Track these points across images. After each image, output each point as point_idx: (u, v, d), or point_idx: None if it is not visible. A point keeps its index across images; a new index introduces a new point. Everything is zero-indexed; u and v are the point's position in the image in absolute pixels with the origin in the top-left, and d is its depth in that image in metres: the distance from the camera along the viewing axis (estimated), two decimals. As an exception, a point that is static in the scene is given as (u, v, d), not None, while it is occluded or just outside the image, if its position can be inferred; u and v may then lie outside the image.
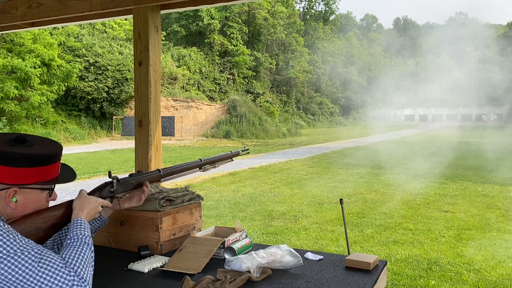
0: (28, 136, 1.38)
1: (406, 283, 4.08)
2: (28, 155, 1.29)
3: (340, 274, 1.56)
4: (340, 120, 53.54)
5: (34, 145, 1.35)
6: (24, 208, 1.32)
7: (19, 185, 1.30)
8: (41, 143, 1.38)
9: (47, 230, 1.37)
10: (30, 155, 1.30)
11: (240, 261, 1.52)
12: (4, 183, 1.28)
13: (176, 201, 1.89)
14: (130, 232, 1.83)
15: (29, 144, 1.34)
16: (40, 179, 1.34)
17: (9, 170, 1.28)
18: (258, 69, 41.27)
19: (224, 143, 23.85)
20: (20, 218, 1.32)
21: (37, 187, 1.34)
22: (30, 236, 1.27)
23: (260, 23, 41.40)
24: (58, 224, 1.39)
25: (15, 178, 1.29)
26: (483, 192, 8.84)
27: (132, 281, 1.50)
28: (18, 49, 20.23)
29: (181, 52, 33.87)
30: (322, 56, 54.64)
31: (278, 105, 40.39)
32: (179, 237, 1.87)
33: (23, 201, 1.32)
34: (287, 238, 5.56)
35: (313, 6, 58.84)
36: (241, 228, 1.85)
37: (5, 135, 1.34)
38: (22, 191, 1.31)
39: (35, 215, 1.35)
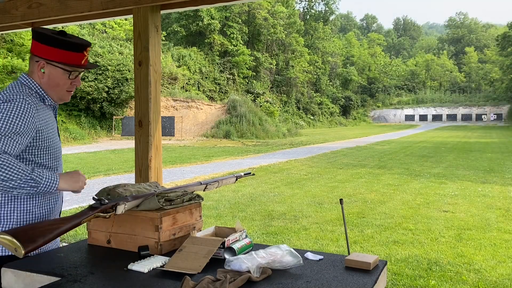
0: (68, 34, 1.82)
1: (406, 283, 4.08)
2: (59, 39, 1.75)
3: (340, 274, 1.56)
4: (340, 120, 53.53)
5: (68, 37, 1.79)
6: (48, 79, 1.80)
7: (48, 60, 1.77)
8: (74, 37, 1.82)
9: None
10: (61, 39, 1.75)
11: (240, 261, 1.52)
12: (38, 56, 1.77)
13: (176, 201, 1.89)
14: (130, 232, 1.83)
15: (66, 36, 1.79)
16: (65, 60, 1.77)
17: (44, 47, 1.75)
18: (258, 69, 41.27)
19: (224, 143, 23.85)
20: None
21: (60, 66, 1.78)
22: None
23: (260, 23, 41.40)
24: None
25: (47, 54, 1.76)
26: (483, 192, 8.84)
27: (132, 281, 1.50)
28: (18, 49, 20.24)
29: (181, 52, 33.88)
30: (322, 56, 54.64)
31: (278, 105, 40.38)
32: (179, 237, 1.87)
33: (48, 74, 1.79)
34: (287, 238, 5.56)
35: (313, 6, 58.81)
36: (241, 228, 1.85)
37: (53, 30, 1.82)
38: (49, 66, 1.78)
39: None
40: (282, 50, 45.81)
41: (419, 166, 13.21)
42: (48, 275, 1.58)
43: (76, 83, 1.87)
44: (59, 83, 1.81)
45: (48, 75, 1.79)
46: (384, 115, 62.45)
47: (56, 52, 1.76)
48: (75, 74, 1.84)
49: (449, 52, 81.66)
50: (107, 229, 1.89)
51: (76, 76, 1.85)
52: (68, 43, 1.76)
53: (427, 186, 9.57)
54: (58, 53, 1.76)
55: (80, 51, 1.80)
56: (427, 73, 70.42)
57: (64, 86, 1.84)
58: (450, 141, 24.70)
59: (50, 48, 1.75)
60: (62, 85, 1.83)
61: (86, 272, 1.58)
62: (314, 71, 51.40)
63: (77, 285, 1.46)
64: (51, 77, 1.80)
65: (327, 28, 57.88)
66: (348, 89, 60.43)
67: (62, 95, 1.87)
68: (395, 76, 70.60)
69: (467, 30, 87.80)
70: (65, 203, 7.62)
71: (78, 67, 1.82)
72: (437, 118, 60.02)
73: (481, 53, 76.74)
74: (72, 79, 1.84)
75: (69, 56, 1.77)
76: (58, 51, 1.76)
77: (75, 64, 1.80)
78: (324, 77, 54.20)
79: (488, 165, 13.44)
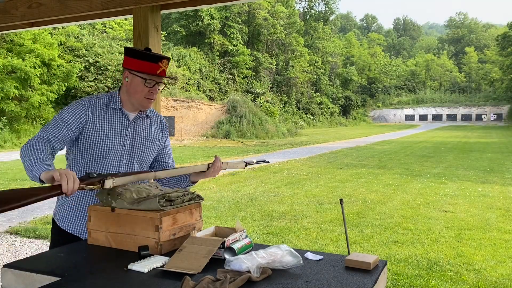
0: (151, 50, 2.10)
1: (406, 283, 4.08)
2: (137, 51, 2.04)
3: (340, 274, 1.56)
4: (340, 120, 53.52)
5: (147, 50, 2.07)
6: (130, 87, 2.06)
7: (129, 69, 2.04)
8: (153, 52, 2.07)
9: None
10: (138, 51, 2.04)
11: (240, 261, 1.52)
12: (124, 68, 2.06)
13: (176, 201, 1.89)
14: (130, 232, 1.83)
15: (148, 50, 2.07)
16: (141, 69, 2.00)
17: (127, 59, 2.04)
18: (258, 69, 41.25)
19: (224, 143, 23.85)
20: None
21: (138, 74, 2.02)
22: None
23: (260, 23, 41.38)
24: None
25: (128, 64, 2.03)
26: (483, 192, 8.84)
27: (132, 281, 1.50)
28: (18, 49, 20.23)
29: (181, 52, 33.86)
30: (322, 56, 54.63)
31: (278, 105, 40.37)
32: (179, 237, 1.87)
33: (130, 82, 2.05)
34: (287, 238, 5.56)
35: (313, 6, 58.78)
36: (241, 228, 1.85)
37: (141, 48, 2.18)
38: (131, 75, 2.04)
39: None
40: (282, 50, 45.79)
41: (419, 166, 13.21)
42: (48, 275, 1.57)
43: (153, 92, 2.07)
44: (137, 90, 2.05)
45: (130, 83, 2.06)
46: (384, 115, 62.44)
47: (135, 62, 2.02)
48: (151, 83, 2.04)
49: (449, 52, 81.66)
50: (107, 228, 1.89)
51: (153, 85, 2.05)
52: (144, 54, 2.02)
53: (427, 186, 9.57)
54: (136, 63, 2.02)
55: (155, 61, 2.02)
56: (427, 73, 70.41)
57: (142, 93, 2.05)
58: (450, 141, 24.70)
59: (131, 59, 2.03)
60: (140, 91, 2.04)
61: (86, 272, 1.58)
62: (314, 71, 51.38)
63: (77, 285, 1.46)
64: (132, 84, 2.05)
65: (327, 28, 57.87)
66: (348, 89, 60.42)
67: (142, 101, 2.07)
68: (395, 76, 70.59)
69: (467, 30, 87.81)
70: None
71: (153, 76, 2.03)
72: (437, 118, 60.01)
73: (481, 53, 76.73)
74: (149, 87, 2.04)
75: (144, 65, 2.00)
76: (136, 61, 2.02)
77: (150, 72, 2.01)
78: (324, 77, 54.18)
79: (488, 165, 13.44)
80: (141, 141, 2.15)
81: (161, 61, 2.02)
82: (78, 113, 2.00)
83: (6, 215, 6.74)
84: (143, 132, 2.16)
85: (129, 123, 2.11)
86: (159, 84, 2.08)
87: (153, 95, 2.07)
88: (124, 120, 2.10)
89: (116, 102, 2.09)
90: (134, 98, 2.07)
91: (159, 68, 2.02)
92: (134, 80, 2.04)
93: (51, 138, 1.95)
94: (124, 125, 2.10)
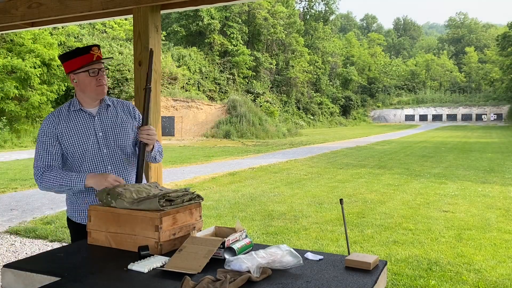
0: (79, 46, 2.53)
1: (406, 283, 4.08)
2: (67, 53, 2.19)
3: (340, 274, 1.56)
4: (340, 120, 53.50)
5: (77, 47, 2.22)
6: (80, 85, 2.22)
7: (72, 71, 2.19)
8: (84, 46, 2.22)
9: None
10: (68, 52, 2.19)
11: (240, 261, 1.52)
12: (68, 73, 2.21)
13: (176, 201, 1.89)
14: (130, 232, 1.83)
15: (76, 48, 2.21)
16: (79, 65, 2.16)
17: (66, 64, 2.21)
18: (258, 69, 41.24)
19: (224, 143, 23.85)
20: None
21: (80, 71, 2.18)
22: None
23: (260, 23, 41.37)
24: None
25: (69, 68, 2.19)
26: (483, 192, 8.84)
27: (132, 281, 1.50)
28: (18, 49, 20.22)
29: (181, 52, 33.86)
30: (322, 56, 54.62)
31: (278, 105, 40.36)
32: (179, 237, 1.87)
33: (78, 81, 2.21)
34: (287, 238, 5.56)
35: (313, 6, 58.76)
36: (241, 228, 1.85)
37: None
38: (75, 76, 2.20)
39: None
40: (282, 50, 45.78)
41: (419, 166, 13.21)
42: (48, 275, 1.58)
43: (101, 78, 2.22)
44: (86, 83, 2.20)
45: (78, 82, 2.22)
46: (384, 115, 62.43)
47: (71, 63, 2.18)
48: (95, 71, 2.19)
49: (449, 52, 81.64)
50: (107, 228, 1.89)
51: (98, 73, 2.20)
52: (74, 52, 2.18)
53: (427, 186, 9.57)
54: (72, 63, 2.18)
55: (86, 52, 2.17)
56: (427, 73, 70.39)
57: (92, 84, 2.20)
58: (450, 141, 24.70)
59: (67, 63, 2.19)
60: (89, 83, 2.20)
61: (86, 272, 1.58)
62: (314, 71, 51.36)
63: (77, 285, 1.46)
64: (80, 82, 2.21)
65: (327, 28, 57.85)
66: (348, 89, 60.40)
67: (95, 90, 2.22)
68: (395, 76, 70.57)
69: (467, 30, 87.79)
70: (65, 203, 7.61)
71: (92, 64, 2.17)
72: (437, 118, 60.00)
73: (481, 53, 76.72)
74: (95, 75, 2.20)
75: (80, 60, 2.17)
76: (72, 61, 2.18)
77: (87, 63, 2.16)
78: (324, 77, 54.17)
79: (488, 165, 13.44)
80: (111, 128, 2.29)
81: (91, 49, 2.19)
82: (48, 131, 2.20)
83: (6, 215, 6.75)
84: (110, 120, 2.31)
85: (93, 117, 2.27)
86: (101, 70, 2.24)
87: (102, 80, 2.23)
88: (88, 117, 2.27)
89: (75, 105, 2.26)
90: (89, 92, 2.23)
91: (93, 56, 2.18)
92: (79, 77, 2.21)
93: (49, 163, 2.19)
94: (90, 121, 2.26)
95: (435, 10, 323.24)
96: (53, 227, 5.96)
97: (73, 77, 2.22)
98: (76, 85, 2.23)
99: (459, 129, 42.19)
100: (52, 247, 5.08)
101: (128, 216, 1.83)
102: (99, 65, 2.21)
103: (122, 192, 1.89)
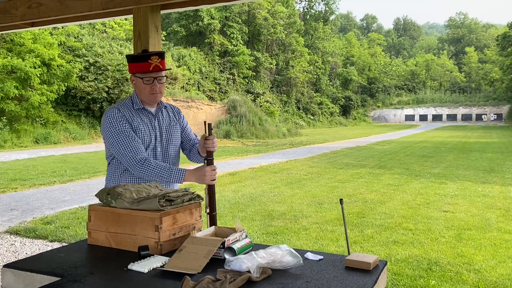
0: (147, 50, 2.40)
1: (406, 283, 4.08)
2: (130, 55, 2.32)
3: (340, 274, 1.56)
4: (340, 120, 53.48)
5: (143, 52, 2.34)
6: (136, 88, 2.35)
7: (132, 73, 2.33)
8: (146, 51, 2.34)
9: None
10: (131, 55, 2.32)
11: (240, 261, 1.52)
12: (130, 72, 2.36)
13: (176, 201, 1.90)
14: (130, 232, 1.83)
15: (145, 51, 2.33)
16: (135, 70, 2.29)
17: (129, 65, 2.34)
18: (258, 69, 41.22)
19: (224, 143, 23.85)
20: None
21: (137, 76, 2.30)
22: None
23: (260, 23, 41.36)
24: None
25: (130, 69, 2.33)
26: (483, 192, 8.84)
27: (132, 281, 1.50)
28: (18, 49, 20.21)
29: (181, 52, 33.84)
30: (322, 56, 54.61)
31: (278, 105, 40.34)
32: (179, 237, 1.87)
33: (135, 84, 2.34)
34: (287, 238, 5.56)
35: (313, 6, 58.73)
36: (241, 228, 1.85)
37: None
38: (135, 78, 2.33)
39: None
40: (282, 50, 45.77)
41: (419, 166, 13.21)
42: (48, 275, 1.58)
43: (154, 87, 2.30)
44: (141, 89, 2.31)
45: (135, 85, 2.34)
46: (384, 115, 62.42)
47: (131, 66, 2.31)
48: (149, 80, 2.28)
49: (449, 52, 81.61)
50: (107, 228, 1.89)
51: (152, 81, 2.29)
52: (135, 57, 2.29)
53: (427, 186, 9.57)
54: (132, 67, 2.30)
55: (144, 60, 2.25)
56: (427, 73, 70.37)
57: (146, 91, 2.30)
58: (450, 141, 24.70)
59: (129, 65, 2.32)
60: (143, 89, 2.31)
61: (86, 272, 1.58)
62: (314, 71, 51.34)
63: (77, 285, 1.46)
64: (137, 86, 2.34)
65: (327, 28, 57.83)
66: (348, 89, 60.38)
67: (148, 97, 2.33)
68: (395, 76, 70.55)
69: (467, 30, 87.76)
70: (65, 203, 7.62)
71: (147, 74, 2.26)
72: (437, 118, 59.99)
73: (481, 53, 76.70)
74: (149, 84, 2.29)
75: (138, 66, 2.27)
76: (132, 65, 2.30)
77: (143, 71, 2.27)
78: (324, 77, 54.15)
79: (488, 165, 13.44)
80: (166, 129, 2.45)
81: (150, 58, 2.24)
82: (123, 121, 2.29)
83: (6, 215, 6.75)
84: (166, 121, 2.46)
85: (153, 117, 2.40)
86: (158, 79, 2.30)
87: (155, 89, 2.30)
88: (150, 115, 2.39)
89: (137, 103, 2.37)
90: (142, 97, 2.35)
91: (151, 65, 2.25)
92: (137, 81, 2.32)
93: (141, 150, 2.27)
94: (151, 120, 2.39)
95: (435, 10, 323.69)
96: (53, 227, 5.96)
97: (132, 78, 2.35)
98: (134, 86, 2.37)
99: (459, 129, 42.19)
100: (52, 247, 5.09)
101: (128, 216, 1.83)
102: (156, 74, 2.28)
103: (122, 192, 1.89)
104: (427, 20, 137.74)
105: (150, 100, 2.35)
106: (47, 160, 13.79)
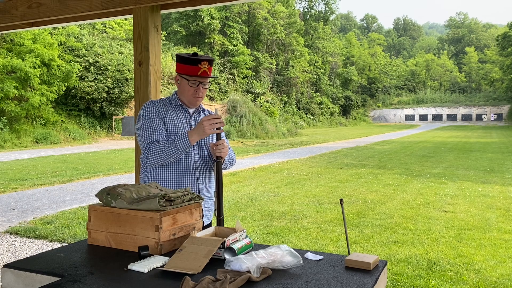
0: (197, 54, 2.34)
1: (406, 283, 4.08)
2: (180, 56, 2.33)
3: (340, 274, 1.56)
4: (340, 120, 53.51)
5: (193, 55, 2.32)
6: (180, 88, 2.40)
7: (178, 73, 2.36)
8: (196, 54, 2.32)
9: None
10: (181, 55, 2.33)
11: (240, 261, 1.52)
12: (176, 72, 2.38)
13: (176, 201, 1.89)
14: (130, 232, 1.83)
15: (194, 55, 2.31)
16: (183, 71, 2.32)
17: (176, 64, 2.36)
18: (258, 69, 41.24)
19: (224, 143, 23.84)
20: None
21: (183, 77, 2.34)
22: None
23: (260, 23, 41.38)
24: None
25: (177, 69, 2.36)
26: (483, 192, 8.84)
27: (132, 281, 1.50)
28: (18, 49, 20.21)
29: (181, 52, 33.86)
30: (322, 56, 54.62)
31: (278, 105, 40.36)
32: (179, 237, 1.87)
33: (179, 84, 2.38)
34: (287, 238, 5.56)
35: (313, 6, 58.79)
36: (241, 228, 1.85)
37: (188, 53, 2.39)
38: (180, 78, 2.37)
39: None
40: (282, 50, 45.79)
41: (419, 166, 13.21)
42: (48, 275, 1.58)
43: (198, 90, 2.35)
44: (185, 90, 2.36)
45: (180, 85, 2.38)
46: (384, 115, 62.44)
47: (180, 67, 2.34)
48: (195, 83, 2.33)
49: (449, 52, 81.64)
50: (107, 228, 1.89)
51: (198, 85, 2.34)
52: (186, 58, 2.30)
53: (427, 186, 9.57)
54: (181, 67, 2.33)
55: (195, 64, 2.28)
56: (427, 73, 70.38)
57: (189, 93, 2.36)
58: (450, 141, 24.70)
59: (178, 64, 2.35)
60: (187, 91, 2.36)
61: (86, 272, 1.58)
62: (314, 71, 51.37)
63: (77, 285, 1.46)
64: (181, 86, 2.38)
65: (327, 28, 57.86)
66: (348, 89, 60.40)
67: (190, 99, 2.38)
68: (395, 76, 70.58)
69: (467, 30, 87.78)
70: (64, 203, 7.62)
71: (194, 77, 2.31)
72: (437, 118, 60.00)
73: (481, 53, 76.72)
74: (194, 87, 2.34)
75: (187, 68, 2.30)
76: (181, 66, 2.33)
77: (191, 74, 2.30)
78: (324, 77, 54.17)
79: (488, 165, 13.44)
80: None
81: (201, 63, 2.29)
82: (156, 112, 2.33)
83: (6, 215, 6.75)
84: None
85: (190, 116, 2.45)
86: (203, 84, 2.36)
87: (198, 93, 2.37)
88: (186, 113, 2.44)
89: (176, 101, 2.42)
90: (184, 97, 2.39)
91: (200, 70, 2.30)
92: (182, 82, 2.36)
93: (155, 138, 2.28)
94: (187, 118, 2.43)
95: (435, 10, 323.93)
96: (53, 227, 5.96)
97: (177, 78, 2.39)
98: (178, 86, 2.41)
99: (459, 129, 42.19)
100: (52, 247, 5.09)
101: (128, 216, 1.83)
102: (202, 79, 2.33)
103: (122, 192, 1.89)
104: (427, 20, 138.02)
105: (191, 102, 2.40)
106: (47, 160, 13.79)
